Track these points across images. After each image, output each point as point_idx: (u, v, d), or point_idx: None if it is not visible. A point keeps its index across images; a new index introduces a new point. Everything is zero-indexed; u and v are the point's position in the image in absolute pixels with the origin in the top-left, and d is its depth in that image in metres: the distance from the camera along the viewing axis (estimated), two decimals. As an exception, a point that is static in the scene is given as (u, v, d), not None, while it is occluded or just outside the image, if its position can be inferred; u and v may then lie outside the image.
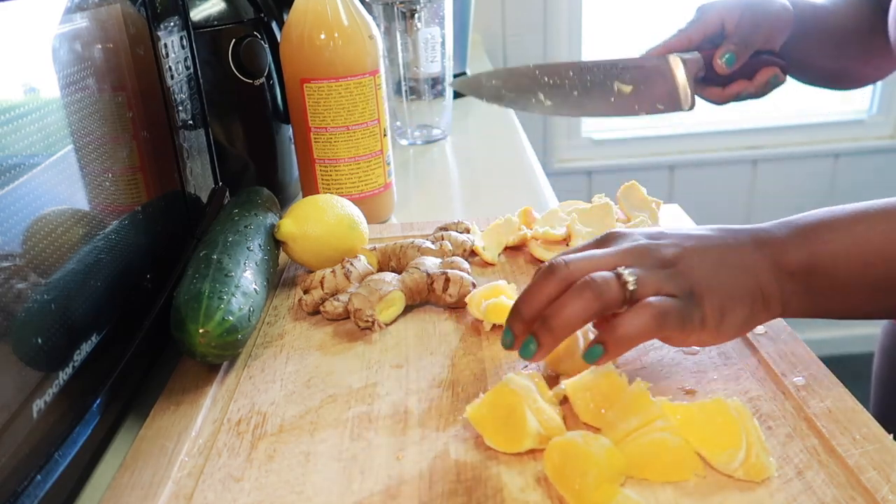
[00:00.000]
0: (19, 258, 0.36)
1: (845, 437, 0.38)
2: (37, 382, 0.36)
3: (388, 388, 0.45)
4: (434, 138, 1.03)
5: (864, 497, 0.35)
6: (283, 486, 0.38)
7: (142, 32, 0.51)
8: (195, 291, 0.46)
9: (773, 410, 0.41)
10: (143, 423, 0.44)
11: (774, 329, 0.48)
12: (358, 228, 0.60)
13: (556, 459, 0.36)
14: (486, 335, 0.50)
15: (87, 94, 0.44)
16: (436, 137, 1.03)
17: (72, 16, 0.43)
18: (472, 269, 0.58)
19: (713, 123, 1.92)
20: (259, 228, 0.56)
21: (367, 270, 0.57)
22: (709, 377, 0.44)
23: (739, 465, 0.36)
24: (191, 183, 0.58)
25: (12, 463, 0.34)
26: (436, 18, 0.94)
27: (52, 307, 0.38)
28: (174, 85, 0.56)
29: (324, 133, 0.68)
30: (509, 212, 0.65)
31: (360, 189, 0.71)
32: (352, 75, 0.67)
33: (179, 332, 0.45)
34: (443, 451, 0.39)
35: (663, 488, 0.36)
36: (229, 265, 0.50)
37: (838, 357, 1.99)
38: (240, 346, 0.48)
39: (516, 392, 0.39)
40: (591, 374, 0.41)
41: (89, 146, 0.44)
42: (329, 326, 0.53)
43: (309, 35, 0.66)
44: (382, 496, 0.37)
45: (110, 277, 0.45)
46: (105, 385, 0.43)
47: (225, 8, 0.69)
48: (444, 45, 0.96)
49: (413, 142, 1.02)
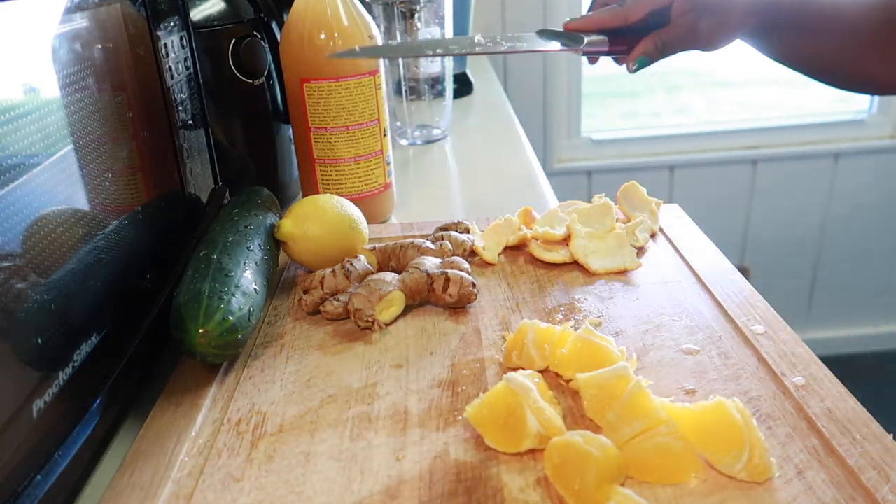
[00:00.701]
0: (19, 258, 0.36)
1: (845, 437, 0.38)
2: (37, 382, 0.36)
3: (388, 388, 0.45)
4: (434, 138, 1.03)
5: (864, 497, 0.35)
6: (283, 486, 0.38)
7: (142, 32, 0.51)
8: (195, 291, 0.46)
9: (773, 410, 0.41)
10: (143, 423, 0.44)
11: (774, 329, 0.48)
12: (358, 228, 0.60)
13: (556, 459, 0.36)
14: (485, 335, 0.50)
15: (87, 94, 0.44)
16: (436, 137, 1.03)
17: (72, 16, 0.43)
18: (472, 269, 0.58)
19: (713, 123, 1.93)
20: (259, 228, 0.56)
21: (367, 270, 0.57)
22: (709, 377, 0.44)
23: (743, 466, 0.36)
24: (191, 183, 0.58)
25: (12, 463, 0.34)
26: (436, 18, 0.94)
27: (52, 307, 0.38)
28: (174, 85, 0.56)
29: (324, 133, 0.68)
30: (509, 212, 0.65)
31: (360, 189, 0.71)
32: (352, 75, 0.67)
33: (179, 332, 0.45)
34: (443, 451, 0.39)
35: (663, 488, 0.36)
36: (229, 265, 0.50)
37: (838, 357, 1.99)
38: (240, 345, 0.48)
39: (516, 392, 0.39)
40: (605, 373, 0.41)
41: (89, 146, 0.44)
42: (329, 326, 0.53)
43: (309, 35, 0.66)
44: (382, 496, 0.37)
45: (110, 277, 0.45)
46: (105, 385, 0.43)
47: (225, 8, 0.69)
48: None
49: (413, 142, 1.02)
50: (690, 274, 0.57)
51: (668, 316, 0.51)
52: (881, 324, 2.09)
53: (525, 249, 0.63)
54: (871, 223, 1.95)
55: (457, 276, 0.53)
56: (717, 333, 0.49)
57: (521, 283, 0.58)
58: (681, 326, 0.50)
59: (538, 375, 0.43)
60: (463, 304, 0.54)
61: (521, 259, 0.62)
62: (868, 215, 1.93)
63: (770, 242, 1.95)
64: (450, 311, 0.54)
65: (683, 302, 0.53)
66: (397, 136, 1.03)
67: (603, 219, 0.62)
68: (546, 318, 0.52)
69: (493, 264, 0.61)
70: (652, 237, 0.64)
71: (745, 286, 0.54)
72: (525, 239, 0.62)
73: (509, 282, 0.58)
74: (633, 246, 0.61)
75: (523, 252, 0.63)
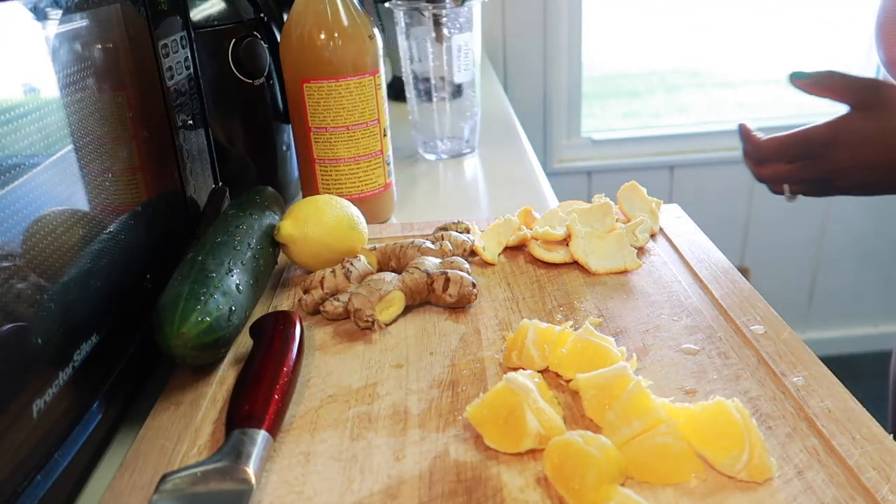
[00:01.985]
0: (19, 258, 0.36)
1: (845, 437, 0.38)
2: (37, 382, 0.36)
3: (388, 388, 0.45)
4: (462, 152, 0.97)
5: (864, 497, 0.35)
6: (283, 486, 0.38)
7: (142, 32, 0.51)
8: (174, 294, 0.46)
9: (773, 410, 0.41)
10: (143, 423, 0.44)
11: (774, 329, 0.48)
12: (357, 228, 0.60)
13: (555, 459, 0.36)
14: (485, 335, 0.51)
15: (87, 94, 0.44)
16: (464, 151, 0.97)
17: (72, 16, 0.43)
18: (472, 269, 0.58)
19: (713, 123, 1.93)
20: (252, 227, 0.56)
21: (366, 270, 0.57)
22: (709, 377, 0.44)
23: (743, 466, 0.36)
24: (191, 183, 0.58)
25: (12, 463, 0.34)
26: (464, 25, 0.90)
27: (52, 307, 0.38)
28: (174, 85, 0.56)
29: (324, 133, 0.68)
30: (509, 212, 0.65)
31: (360, 189, 0.71)
32: (352, 75, 0.67)
33: (158, 335, 0.45)
34: (443, 451, 0.39)
35: (663, 489, 0.36)
36: (211, 265, 0.49)
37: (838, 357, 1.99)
38: (222, 346, 0.47)
39: (516, 392, 0.39)
40: (605, 373, 0.41)
41: (89, 146, 0.44)
42: (329, 326, 0.53)
43: (309, 35, 0.66)
44: (382, 496, 0.37)
45: (110, 277, 0.45)
46: (105, 385, 0.43)
47: (225, 8, 0.69)
48: (472, 52, 0.91)
49: (440, 157, 0.97)
50: (690, 274, 0.57)
51: (668, 316, 0.51)
52: (881, 324, 2.09)
53: (525, 249, 0.63)
54: (871, 223, 1.95)
55: (457, 276, 0.53)
56: (717, 333, 0.49)
57: (521, 283, 0.58)
58: (681, 326, 0.50)
59: (538, 375, 0.43)
60: (463, 304, 0.54)
61: (521, 259, 0.62)
62: (868, 215, 1.93)
63: (770, 242, 1.96)
64: (450, 311, 0.54)
65: (683, 302, 0.53)
66: (422, 151, 0.97)
67: (603, 219, 0.62)
68: (546, 318, 0.52)
69: (493, 264, 0.61)
70: (652, 237, 0.64)
71: (745, 286, 0.54)
72: (525, 239, 0.62)
73: (509, 282, 0.58)
74: (633, 246, 0.61)
75: (523, 252, 0.63)
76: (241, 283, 0.50)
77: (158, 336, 0.45)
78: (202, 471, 0.36)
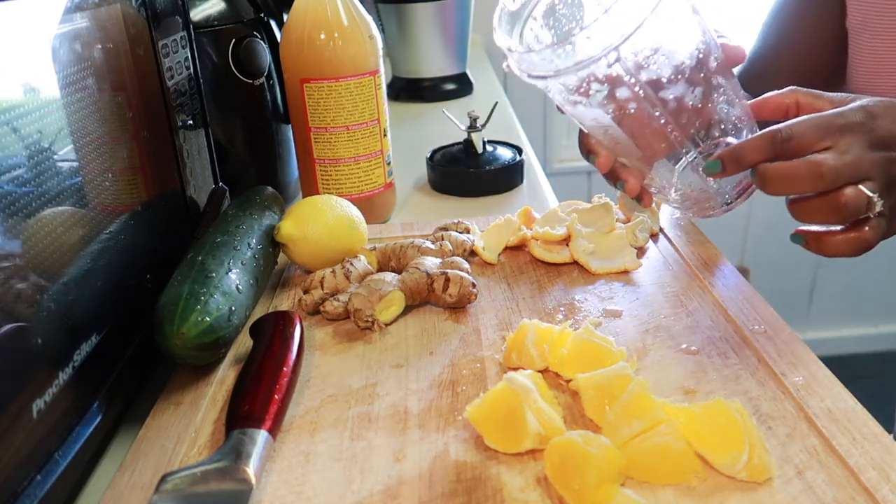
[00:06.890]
0: (19, 258, 0.36)
1: (845, 437, 0.38)
2: (37, 382, 0.36)
3: (388, 388, 0.45)
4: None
5: (864, 497, 0.35)
6: (283, 486, 0.38)
7: (142, 32, 0.51)
8: (174, 295, 0.46)
9: (773, 410, 0.41)
10: (143, 423, 0.44)
11: (774, 329, 0.48)
12: (357, 228, 0.60)
13: (555, 459, 0.36)
14: (485, 335, 0.51)
15: (87, 94, 0.44)
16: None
17: (72, 16, 0.43)
18: (472, 269, 0.58)
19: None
20: (252, 227, 0.56)
21: (366, 270, 0.57)
22: (709, 377, 0.44)
23: (743, 466, 0.36)
24: (191, 183, 0.58)
25: (12, 463, 0.34)
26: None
27: (52, 307, 0.38)
28: (174, 85, 0.56)
29: (324, 133, 0.68)
30: (509, 212, 0.65)
31: (360, 189, 0.71)
32: (352, 75, 0.67)
33: (158, 335, 0.45)
34: (443, 452, 0.39)
35: (663, 489, 0.36)
36: (211, 265, 0.49)
37: (838, 357, 1.99)
38: (222, 346, 0.47)
39: (516, 392, 0.39)
40: (605, 373, 0.41)
41: (89, 146, 0.44)
42: (329, 326, 0.53)
43: (309, 35, 0.66)
44: (382, 496, 0.37)
45: (110, 277, 0.45)
46: (105, 385, 0.43)
47: (225, 8, 0.69)
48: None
49: None
50: (690, 274, 0.57)
51: (668, 316, 0.51)
52: (881, 324, 2.08)
53: (525, 249, 0.63)
54: (870, 223, 1.94)
55: (457, 276, 0.53)
56: (717, 333, 0.49)
57: (521, 283, 0.58)
58: (681, 326, 0.50)
59: (538, 375, 0.42)
60: (463, 304, 0.54)
61: (521, 259, 0.62)
62: (868, 215, 1.93)
63: (770, 242, 1.95)
64: (450, 311, 0.54)
65: (683, 302, 0.53)
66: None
67: (603, 219, 0.62)
68: (546, 318, 0.52)
69: (493, 264, 0.61)
70: (652, 237, 0.64)
71: (745, 286, 0.54)
72: (525, 239, 0.62)
73: (509, 282, 0.58)
74: (633, 246, 0.61)
75: (523, 252, 0.63)
76: (241, 283, 0.50)
77: (158, 336, 0.45)
78: (202, 471, 0.36)
